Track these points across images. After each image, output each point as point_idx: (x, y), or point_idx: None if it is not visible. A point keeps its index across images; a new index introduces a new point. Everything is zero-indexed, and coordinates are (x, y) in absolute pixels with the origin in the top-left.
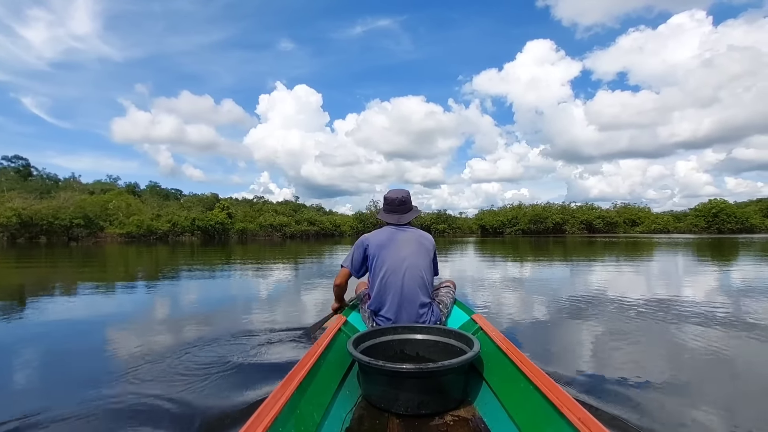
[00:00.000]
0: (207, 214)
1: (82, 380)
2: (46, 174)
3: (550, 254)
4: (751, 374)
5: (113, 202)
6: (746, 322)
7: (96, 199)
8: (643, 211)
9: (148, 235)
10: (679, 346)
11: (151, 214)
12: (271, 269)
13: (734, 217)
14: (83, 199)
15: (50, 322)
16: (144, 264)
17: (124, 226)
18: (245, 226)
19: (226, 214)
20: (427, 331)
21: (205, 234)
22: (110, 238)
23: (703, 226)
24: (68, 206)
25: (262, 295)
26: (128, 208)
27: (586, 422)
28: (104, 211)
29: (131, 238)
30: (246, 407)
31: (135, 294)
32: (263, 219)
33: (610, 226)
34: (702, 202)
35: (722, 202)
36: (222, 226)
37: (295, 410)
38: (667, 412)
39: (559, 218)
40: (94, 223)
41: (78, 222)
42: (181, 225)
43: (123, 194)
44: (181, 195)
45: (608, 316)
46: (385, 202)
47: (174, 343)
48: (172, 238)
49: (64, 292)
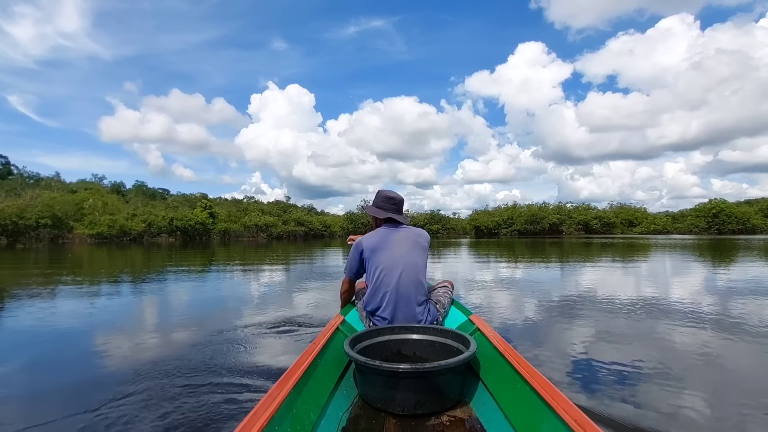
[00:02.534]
0: (186, 214)
1: (72, 387)
2: (27, 172)
3: (547, 256)
4: (743, 375)
5: (89, 201)
6: (739, 323)
7: (67, 198)
8: (640, 211)
9: (122, 236)
10: (676, 347)
11: (127, 214)
12: (245, 275)
13: (735, 218)
14: (52, 198)
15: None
16: (93, 268)
17: (94, 227)
18: (228, 227)
19: (208, 213)
20: (424, 331)
21: (185, 235)
22: (78, 239)
23: (703, 227)
24: (35, 205)
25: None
26: (104, 207)
27: (582, 423)
28: (79, 210)
29: (102, 239)
30: (242, 406)
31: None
32: (248, 219)
33: (607, 226)
34: (702, 202)
35: (722, 202)
36: (203, 227)
37: (292, 410)
38: (662, 413)
39: (555, 219)
40: (64, 223)
41: (45, 222)
42: (158, 225)
43: (100, 192)
44: (168, 195)
45: (604, 319)
46: (383, 200)
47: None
48: (148, 239)
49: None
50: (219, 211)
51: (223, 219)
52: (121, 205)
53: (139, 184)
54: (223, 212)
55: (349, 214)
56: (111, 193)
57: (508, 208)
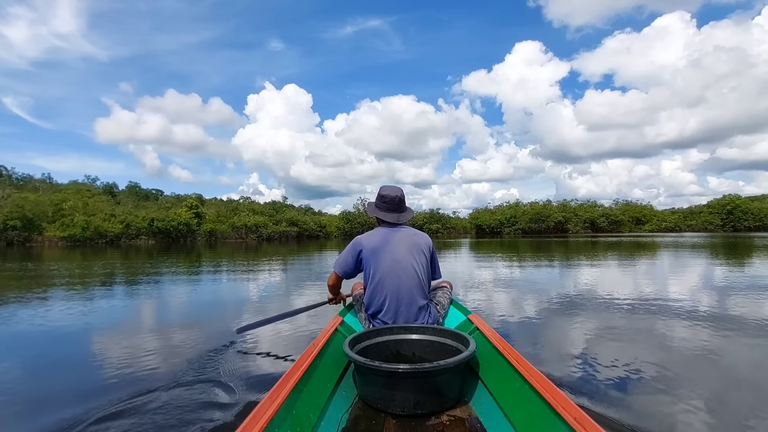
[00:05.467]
0: (168, 214)
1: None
2: (16, 174)
3: (555, 256)
4: (744, 375)
5: (69, 201)
6: (741, 322)
7: (43, 199)
8: (647, 208)
9: (97, 238)
10: (676, 347)
11: (104, 215)
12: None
13: (750, 214)
14: (23, 198)
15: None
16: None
17: (66, 228)
18: (214, 227)
19: (194, 213)
20: (423, 331)
21: (167, 237)
22: (48, 242)
23: (717, 224)
24: (4, 206)
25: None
26: (85, 208)
27: (582, 421)
28: (58, 212)
29: (75, 242)
30: (242, 408)
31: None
32: (237, 219)
33: (614, 224)
34: (716, 198)
35: (737, 198)
36: (187, 228)
37: (291, 411)
38: (662, 412)
39: (560, 217)
40: (35, 224)
41: (14, 224)
42: (137, 226)
43: (82, 193)
44: (162, 195)
45: (606, 318)
46: (382, 200)
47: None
48: (125, 241)
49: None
50: (207, 211)
51: (211, 220)
52: (106, 206)
53: (132, 185)
54: (211, 212)
55: (344, 213)
56: (102, 195)
57: (511, 206)
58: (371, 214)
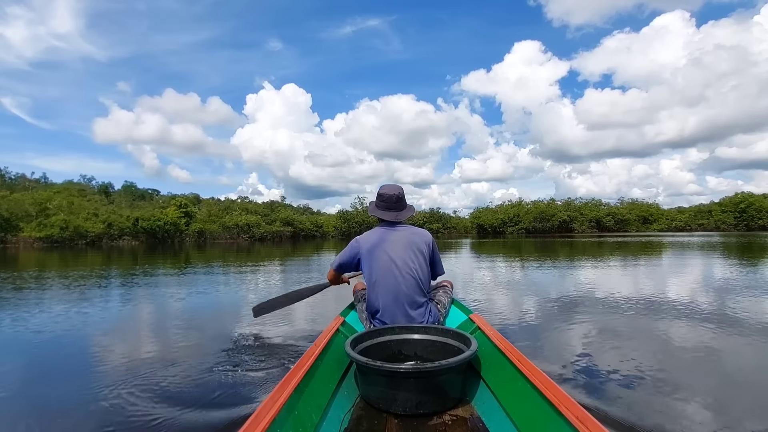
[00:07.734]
0: (155, 213)
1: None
2: (9, 173)
3: (565, 258)
4: (747, 375)
5: (55, 200)
6: (743, 323)
7: (22, 197)
8: (654, 207)
9: (77, 239)
10: (678, 347)
11: (87, 214)
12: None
13: (765, 212)
14: (0, 197)
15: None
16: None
17: (42, 228)
18: (203, 227)
19: (183, 213)
20: (424, 331)
21: (153, 237)
22: (24, 243)
23: (730, 223)
24: None
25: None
26: (70, 207)
27: (584, 420)
28: (42, 211)
29: (52, 242)
30: (244, 409)
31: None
32: (228, 219)
33: (621, 223)
34: (728, 196)
35: (750, 195)
36: (175, 228)
37: (293, 411)
38: (665, 411)
39: (565, 216)
40: (11, 224)
41: None
42: (119, 226)
43: (69, 191)
44: (158, 195)
45: (608, 318)
46: (380, 198)
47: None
48: (107, 242)
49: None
50: (199, 211)
51: (202, 219)
52: (86, 205)
53: (128, 184)
54: (203, 212)
55: (342, 212)
56: (96, 194)
57: (513, 205)
58: (371, 214)
